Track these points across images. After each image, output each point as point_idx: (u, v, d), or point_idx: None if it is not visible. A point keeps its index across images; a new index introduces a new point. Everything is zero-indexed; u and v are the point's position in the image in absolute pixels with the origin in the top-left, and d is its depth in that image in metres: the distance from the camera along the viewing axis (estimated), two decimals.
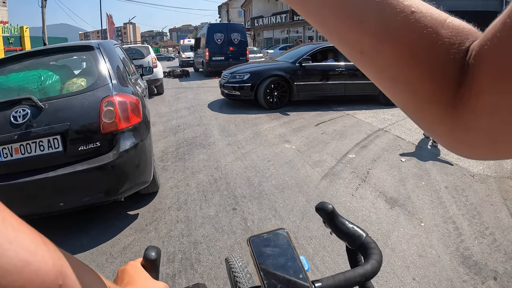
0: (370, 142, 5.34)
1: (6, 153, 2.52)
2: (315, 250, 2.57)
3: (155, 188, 3.50)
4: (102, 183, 2.69)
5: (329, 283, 0.59)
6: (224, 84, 7.85)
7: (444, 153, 4.95)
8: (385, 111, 7.72)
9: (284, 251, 0.61)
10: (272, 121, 6.64)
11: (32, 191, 2.54)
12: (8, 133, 2.51)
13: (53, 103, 2.67)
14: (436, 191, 3.63)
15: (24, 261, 0.26)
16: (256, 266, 0.58)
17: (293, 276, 0.57)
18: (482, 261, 2.50)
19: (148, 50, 10.85)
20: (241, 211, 3.18)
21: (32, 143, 2.55)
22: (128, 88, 3.07)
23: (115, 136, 2.71)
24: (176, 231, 2.88)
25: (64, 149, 2.60)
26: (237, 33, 15.11)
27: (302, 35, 29.44)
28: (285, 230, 0.65)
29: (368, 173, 4.10)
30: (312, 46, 8.34)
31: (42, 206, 2.65)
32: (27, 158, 2.55)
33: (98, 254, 2.64)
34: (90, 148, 2.65)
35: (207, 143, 5.23)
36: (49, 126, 2.57)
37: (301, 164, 4.35)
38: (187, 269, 2.41)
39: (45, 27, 21.42)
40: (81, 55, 3.37)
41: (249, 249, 0.61)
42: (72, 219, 3.13)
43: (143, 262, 0.58)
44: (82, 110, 2.68)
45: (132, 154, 2.77)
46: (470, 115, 0.28)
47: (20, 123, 2.54)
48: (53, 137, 2.58)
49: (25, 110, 2.57)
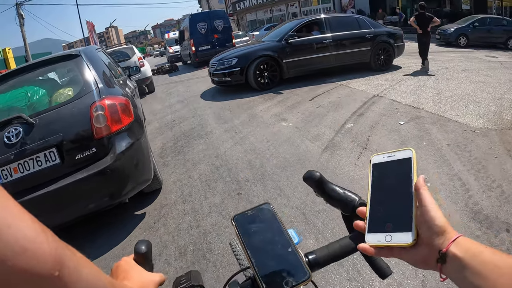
0: (367, 109, 5.30)
1: (6, 174, 2.50)
2: (324, 223, 2.56)
3: (158, 185, 3.47)
4: (104, 187, 2.67)
5: (323, 254, 0.58)
6: (214, 72, 7.73)
7: (442, 111, 4.91)
8: (378, 77, 7.65)
9: (270, 226, 0.59)
10: (266, 102, 6.58)
11: (36, 208, 2.47)
12: (4, 154, 2.48)
13: (44, 117, 2.65)
14: (439, 149, 3.60)
15: (22, 247, 0.28)
16: (242, 245, 0.56)
17: (281, 250, 0.55)
18: (492, 215, 2.49)
19: (133, 51, 10.91)
20: (246, 195, 3.16)
21: (29, 160, 2.53)
22: (115, 89, 3.06)
23: (109, 140, 2.68)
24: (185, 224, 2.88)
25: (62, 160, 2.58)
26: (220, 19, 14.84)
27: (286, 13, 28.96)
28: (269, 205, 0.62)
29: (368, 140, 4.07)
30: (296, 22, 8.19)
31: (48, 220, 2.40)
32: (27, 176, 2.53)
33: (110, 258, 2.62)
34: (87, 155, 2.63)
35: (204, 133, 5.19)
36: (43, 140, 2.55)
37: (300, 140, 4.32)
38: (200, 260, 2.41)
39: (26, 45, 21.13)
40: (65, 65, 3.28)
41: (234, 228, 0.58)
42: (83, 227, 3.12)
43: (135, 257, 0.58)
44: (73, 119, 2.66)
45: (129, 155, 2.75)
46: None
47: (14, 142, 2.52)
48: (48, 151, 2.56)
49: (17, 128, 2.55)
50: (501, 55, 11.12)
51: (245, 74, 7.45)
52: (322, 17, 8.18)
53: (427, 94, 5.90)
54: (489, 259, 0.39)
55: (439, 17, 19.68)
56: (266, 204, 0.62)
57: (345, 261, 2.14)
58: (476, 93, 5.77)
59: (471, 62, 9.26)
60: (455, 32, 13.76)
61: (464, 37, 13.72)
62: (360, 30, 8.11)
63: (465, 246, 0.41)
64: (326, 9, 24.60)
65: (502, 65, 8.75)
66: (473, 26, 13.83)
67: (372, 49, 8.12)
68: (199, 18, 14.75)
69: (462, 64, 8.86)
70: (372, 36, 8.10)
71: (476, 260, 0.39)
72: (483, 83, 6.50)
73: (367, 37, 8.09)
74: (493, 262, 0.38)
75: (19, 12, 21.54)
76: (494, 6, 18.29)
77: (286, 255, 0.54)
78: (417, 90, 6.21)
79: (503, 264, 0.37)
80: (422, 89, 6.28)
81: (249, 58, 7.41)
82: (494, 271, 0.37)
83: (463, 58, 10.08)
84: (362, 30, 8.12)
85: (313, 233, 2.49)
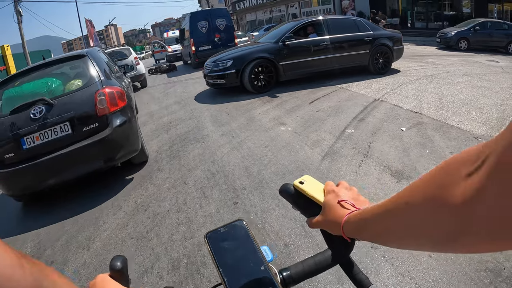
0: (368, 114, 5.19)
1: (30, 141, 3.38)
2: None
3: (144, 157, 4.30)
4: (103, 152, 3.56)
5: (298, 270, 0.58)
6: (208, 74, 7.56)
7: (445, 117, 4.82)
8: (379, 81, 7.55)
9: (243, 244, 0.59)
10: (265, 105, 6.46)
11: (53, 166, 3.38)
12: (30, 126, 3.36)
13: (60, 100, 3.55)
14: (442, 158, 3.49)
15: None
16: (214, 263, 0.56)
17: (254, 268, 0.55)
18: None
19: (130, 51, 12.17)
20: (243, 204, 3.05)
21: (48, 130, 3.42)
22: (113, 81, 3.97)
23: (108, 117, 3.59)
24: (178, 235, 2.76)
25: (72, 131, 3.48)
26: (221, 18, 14.01)
27: (285, 14, 28.85)
28: (243, 221, 0.62)
29: (370, 147, 3.96)
30: (294, 23, 8.03)
31: (60, 176, 3.48)
32: (46, 142, 3.41)
33: (102, 270, 2.51)
34: (91, 128, 3.54)
35: (200, 136, 5.07)
36: (60, 116, 3.44)
37: (300, 146, 4.20)
38: (193, 274, 2.29)
39: (24, 43, 20.94)
40: (75, 63, 4.15)
41: (207, 246, 0.58)
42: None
43: (111, 273, 0.56)
44: (81, 101, 3.57)
45: (122, 129, 3.64)
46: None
47: (38, 117, 3.40)
48: (63, 124, 3.46)
49: (40, 107, 3.44)
50: (502, 59, 11.04)
51: (240, 76, 7.30)
52: (320, 18, 8.02)
53: (429, 99, 5.80)
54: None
55: (440, 20, 19.73)
56: (239, 221, 0.62)
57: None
58: (478, 98, 5.67)
59: (472, 67, 9.17)
60: (455, 36, 13.69)
61: (465, 41, 13.65)
62: (359, 33, 7.98)
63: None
64: (326, 11, 24.50)
65: (503, 70, 8.67)
66: (474, 29, 13.76)
67: (371, 52, 7.99)
68: (200, 17, 13.96)
69: (463, 68, 8.77)
70: (371, 39, 7.98)
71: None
72: (485, 88, 6.41)
73: (366, 40, 7.96)
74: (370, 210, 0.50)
75: (17, 9, 21.36)
76: (495, 10, 18.23)
77: (258, 273, 0.54)
78: (418, 94, 6.11)
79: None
80: (423, 93, 6.18)
81: (245, 60, 7.24)
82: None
83: (464, 62, 10.00)
84: (361, 33, 7.99)
85: (312, 248, 2.38)
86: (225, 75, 7.29)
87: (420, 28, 20.80)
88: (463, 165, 0.32)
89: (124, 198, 3.53)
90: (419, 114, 4.98)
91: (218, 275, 0.55)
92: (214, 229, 0.61)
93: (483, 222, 0.29)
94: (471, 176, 0.31)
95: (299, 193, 0.64)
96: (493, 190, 0.28)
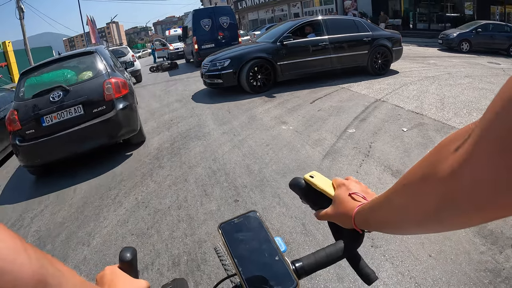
0: (369, 114, 5.19)
1: (48, 120, 4.11)
2: (325, 235, 2.45)
3: (142, 137, 5.06)
4: (108, 130, 4.28)
5: (310, 261, 0.58)
6: (205, 73, 7.51)
7: (446, 118, 4.82)
8: (380, 81, 7.55)
9: (257, 235, 0.60)
10: (266, 103, 6.46)
11: (67, 140, 4.08)
12: (49, 107, 4.11)
13: (75, 87, 4.33)
14: None
15: (1, 269, 0.28)
16: (229, 254, 0.56)
17: (268, 258, 0.56)
18: (497, 229, 2.39)
19: (128, 50, 14.59)
20: (244, 202, 3.05)
21: (64, 111, 4.16)
22: (117, 73, 4.77)
23: (113, 102, 4.34)
24: (179, 232, 2.76)
25: (84, 112, 4.24)
26: (225, 16, 13.67)
27: (288, 13, 28.82)
28: (256, 213, 0.63)
29: (371, 147, 3.96)
30: (292, 23, 7.99)
31: (73, 148, 4.18)
32: (62, 121, 4.15)
33: (102, 266, 2.52)
34: (99, 110, 4.29)
35: (202, 134, 5.07)
36: (74, 99, 4.21)
37: (301, 145, 4.21)
38: (193, 271, 2.30)
39: (26, 39, 20.87)
40: (86, 57, 4.89)
41: (221, 237, 0.59)
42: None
43: (120, 265, 0.57)
44: (92, 89, 4.35)
45: (125, 112, 4.39)
46: None
47: (56, 100, 4.16)
48: (77, 106, 4.21)
49: (58, 93, 4.20)
50: (503, 61, 11.03)
51: (238, 76, 7.25)
52: (319, 18, 7.96)
53: (430, 100, 5.79)
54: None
55: (442, 22, 19.70)
56: (252, 212, 0.63)
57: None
58: (480, 100, 5.67)
59: (474, 68, 9.16)
60: (457, 37, 13.67)
61: (467, 43, 13.63)
62: (358, 33, 7.94)
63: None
64: (328, 10, 24.45)
65: (505, 72, 8.66)
66: (476, 31, 13.73)
67: (370, 53, 7.95)
68: (203, 14, 13.63)
69: (464, 70, 8.76)
70: (370, 39, 7.95)
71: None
72: (486, 90, 6.40)
73: (365, 40, 7.92)
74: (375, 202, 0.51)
75: (19, 6, 21.33)
76: (497, 12, 18.20)
77: (273, 263, 0.55)
78: (419, 95, 6.11)
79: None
80: (424, 94, 6.17)
81: (243, 59, 7.20)
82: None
83: (465, 64, 9.99)
84: (360, 33, 7.94)
85: (313, 245, 2.38)
86: (222, 74, 7.24)
87: (422, 29, 20.77)
88: (453, 142, 0.34)
89: (125, 195, 3.54)
90: (420, 115, 4.98)
91: (233, 265, 0.55)
92: (227, 220, 0.61)
93: (468, 190, 0.30)
94: (458, 150, 0.32)
95: (309, 187, 0.66)
96: (477, 159, 0.29)
